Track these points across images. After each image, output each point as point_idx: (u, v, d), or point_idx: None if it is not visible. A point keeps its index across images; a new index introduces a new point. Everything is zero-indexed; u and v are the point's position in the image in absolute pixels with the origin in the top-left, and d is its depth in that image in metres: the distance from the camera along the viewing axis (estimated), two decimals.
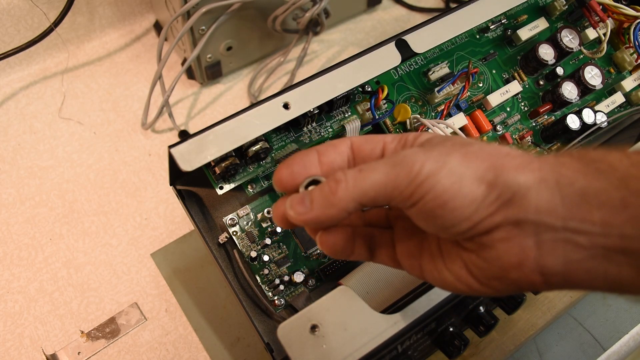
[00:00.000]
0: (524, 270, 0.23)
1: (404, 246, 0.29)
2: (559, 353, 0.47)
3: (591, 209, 0.22)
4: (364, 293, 0.41)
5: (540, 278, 0.23)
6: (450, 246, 0.26)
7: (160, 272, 0.52)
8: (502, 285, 0.25)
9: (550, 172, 0.23)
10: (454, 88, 0.46)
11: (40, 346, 0.48)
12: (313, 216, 0.25)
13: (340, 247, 0.28)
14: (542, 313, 0.46)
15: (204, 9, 0.53)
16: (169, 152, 0.34)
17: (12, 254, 0.52)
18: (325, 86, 0.37)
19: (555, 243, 0.23)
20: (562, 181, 0.23)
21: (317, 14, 0.59)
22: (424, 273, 0.28)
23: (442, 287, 0.27)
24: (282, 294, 0.42)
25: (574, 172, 0.23)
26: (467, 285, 0.25)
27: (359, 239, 0.29)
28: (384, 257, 0.29)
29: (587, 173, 0.23)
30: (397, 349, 0.35)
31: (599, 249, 0.22)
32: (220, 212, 0.43)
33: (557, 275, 0.23)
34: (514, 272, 0.24)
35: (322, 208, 0.25)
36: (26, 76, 0.63)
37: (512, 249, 0.23)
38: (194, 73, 0.62)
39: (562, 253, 0.23)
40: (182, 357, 0.48)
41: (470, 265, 0.25)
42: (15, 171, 0.57)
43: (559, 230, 0.23)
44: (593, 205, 0.22)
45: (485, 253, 0.24)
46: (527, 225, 0.23)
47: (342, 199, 0.24)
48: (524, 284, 0.24)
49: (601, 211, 0.22)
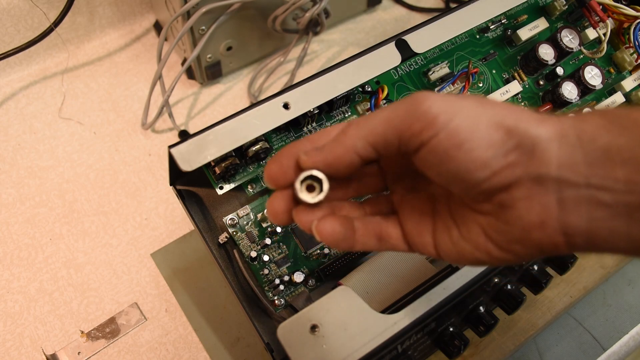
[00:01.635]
0: (546, 231, 0.22)
1: (414, 224, 0.27)
2: (559, 353, 0.47)
3: (614, 166, 0.21)
4: (364, 293, 0.41)
5: (563, 239, 0.22)
6: (465, 213, 0.25)
7: (160, 272, 0.52)
8: (524, 249, 0.23)
9: (571, 128, 0.22)
10: (454, 88, 0.46)
11: (40, 346, 0.48)
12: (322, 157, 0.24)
13: (340, 235, 0.26)
14: (542, 313, 0.46)
15: (204, 9, 0.53)
16: (169, 152, 0.34)
17: (12, 254, 0.52)
18: (325, 86, 0.37)
19: (578, 201, 0.22)
20: (584, 137, 0.22)
21: (317, 14, 0.59)
22: (439, 249, 0.26)
23: (460, 260, 0.26)
24: (282, 294, 0.42)
25: (597, 128, 0.22)
26: (487, 253, 0.24)
27: (363, 228, 0.27)
28: (393, 241, 0.27)
29: (610, 129, 0.22)
30: (397, 349, 0.35)
31: (622, 207, 0.21)
32: (220, 212, 0.43)
33: (580, 235, 0.22)
34: (537, 232, 0.22)
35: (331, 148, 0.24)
36: (26, 76, 0.63)
37: (534, 208, 0.22)
38: (194, 73, 0.62)
39: (585, 211, 0.22)
40: (182, 357, 0.48)
41: (489, 230, 0.24)
42: (15, 171, 0.57)
43: (581, 187, 0.22)
44: (617, 162, 0.21)
45: (505, 214, 0.23)
46: (549, 182, 0.22)
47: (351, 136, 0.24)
48: (546, 245, 0.23)
49: (625, 168, 0.21)
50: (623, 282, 0.51)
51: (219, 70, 0.63)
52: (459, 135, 0.22)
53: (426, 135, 0.23)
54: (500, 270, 0.37)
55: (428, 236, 0.27)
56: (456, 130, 0.22)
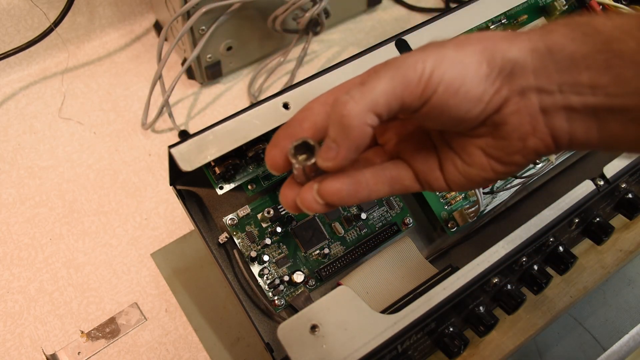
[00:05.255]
0: (539, 135, 0.25)
1: (422, 163, 0.29)
2: (559, 353, 0.47)
3: (580, 72, 0.24)
4: (364, 293, 0.41)
5: (552, 140, 0.25)
6: (463, 141, 0.27)
7: (160, 272, 0.52)
8: (523, 158, 0.26)
9: (539, 41, 0.25)
10: None
11: (40, 346, 0.48)
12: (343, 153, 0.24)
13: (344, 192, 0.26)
14: (542, 313, 0.46)
15: (204, 9, 0.53)
16: (169, 152, 0.34)
17: (12, 254, 0.52)
18: (325, 86, 0.37)
19: (556, 106, 0.25)
20: (553, 48, 0.24)
21: (317, 14, 0.59)
22: (449, 181, 0.28)
23: (471, 185, 0.28)
24: (282, 294, 0.42)
25: (563, 38, 0.24)
26: (493, 171, 0.27)
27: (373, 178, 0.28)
28: (407, 182, 0.29)
29: (574, 38, 0.24)
30: (397, 349, 0.35)
31: (590, 108, 0.24)
32: (220, 212, 0.43)
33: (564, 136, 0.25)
34: (531, 139, 0.25)
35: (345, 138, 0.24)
36: (26, 76, 0.63)
37: (524, 118, 0.25)
38: (194, 73, 0.62)
39: (564, 115, 0.25)
40: (182, 357, 0.48)
41: (489, 150, 0.26)
42: (15, 171, 0.57)
43: (556, 93, 0.24)
44: (582, 68, 0.24)
45: (501, 131, 0.25)
46: (531, 92, 0.25)
47: (356, 115, 0.23)
48: (541, 149, 0.25)
49: (588, 73, 0.23)
50: (623, 282, 0.50)
51: (219, 70, 0.63)
52: (454, 83, 0.24)
53: (426, 95, 0.24)
54: (501, 270, 0.37)
55: (437, 171, 0.28)
56: (451, 81, 0.24)
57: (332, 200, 0.26)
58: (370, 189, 0.27)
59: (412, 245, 0.44)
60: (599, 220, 0.43)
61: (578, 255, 0.43)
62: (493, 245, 0.36)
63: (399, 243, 0.44)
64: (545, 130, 0.25)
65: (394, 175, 0.29)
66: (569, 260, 0.42)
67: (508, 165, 0.26)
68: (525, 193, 0.50)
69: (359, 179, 0.27)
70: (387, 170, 0.29)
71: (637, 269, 0.51)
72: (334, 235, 0.44)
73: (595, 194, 0.39)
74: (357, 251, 0.44)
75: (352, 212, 0.45)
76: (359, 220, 0.45)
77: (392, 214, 0.46)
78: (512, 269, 0.39)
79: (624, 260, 0.48)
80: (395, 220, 0.46)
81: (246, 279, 0.41)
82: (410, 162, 0.29)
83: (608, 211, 0.46)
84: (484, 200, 0.46)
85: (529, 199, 0.50)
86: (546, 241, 0.40)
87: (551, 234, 0.39)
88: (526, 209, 0.49)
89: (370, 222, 0.45)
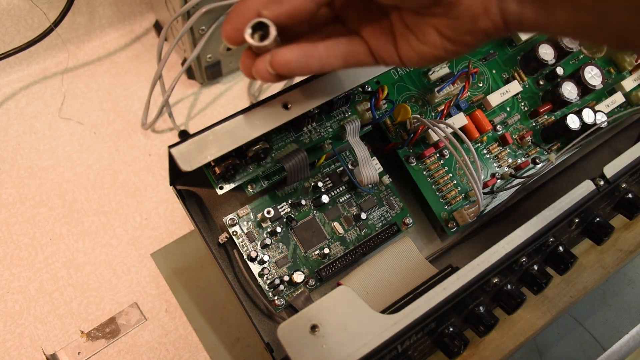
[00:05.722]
0: (490, 16, 0.26)
1: (377, 39, 0.30)
2: (559, 353, 0.47)
3: None
4: (364, 293, 0.41)
5: (502, 23, 0.26)
6: (418, 21, 0.28)
7: (160, 272, 0.52)
8: (473, 38, 0.27)
9: None
10: (454, 88, 0.46)
11: (40, 346, 0.48)
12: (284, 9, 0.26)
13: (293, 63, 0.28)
14: (542, 313, 0.46)
15: (204, 9, 0.53)
16: (169, 152, 0.34)
17: (12, 254, 0.52)
18: (325, 86, 0.37)
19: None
20: None
21: None
22: (402, 57, 0.30)
23: (422, 62, 0.29)
24: (282, 294, 0.42)
25: None
26: (444, 49, 0.28)
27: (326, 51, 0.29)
28: (361, 56, 0.30)
29: None
30: (397, 349, 0.35)
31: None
32: (220, 212, 0.43)
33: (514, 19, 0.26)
34: (482, 20, 0.26)
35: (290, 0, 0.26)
36: (26, 76, 0.63)
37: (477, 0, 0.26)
38: (194, 73, 0.62)
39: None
40: (182, 357, 0.48)
41: (442, 29, 0.27)
42: (15, 171, 0.57)
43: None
44: None
45: (454, 11, 0.26)
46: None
47: None
48: (491, 30, 0.27)
49: None
50: (623, 282, 0.51)
51: (219, 70, 0.63)
52: None
53: None
54: (501, 270, 0.37)
55: (391, 48, 0.30)
56: None
57: (282, 70, 0.28)
58: (322, 61, 0.29)
59: (412, 245, 0.44)
60: (599, 220, 0.43)
61: (578, 255, 0.43)
62: (493, 245, 0.36)
63: (399, 243, 0.44)
64: (496, 12, 0.26)
65: (348, 49, 0.30)
66: (569, 260, 0.42)
67: (458, 45, 0.28)
68: (525, 193, 0.50)
69: (310, 51, 0.29)
70: (342, 44, 0.30)
71: (637, 269, 0.51)
72: (334, 235, 0.44)
73: (595, 194, 0.39)
74: (357, 251, 0.44)
75: (352, 212, 0.45)
76: (359, 220, 0.45)
77: (392, 214, 0.46)
78: (512, 269, 0.39)
79: (624, 260, 0.48)
80: (395, 220, 0.46)
81: (246, 279, 0.41)
82: (366, 38, 0.30)
83: (608, 211, 0.46)
84: (484, 200, 0.46)
85: (529, 199, 0.50)
86: (546, 241, 0.40)
87: (551, 234, 0.39)
88: (526, 209, 0.49)
89: (370, 222, 0.45)
